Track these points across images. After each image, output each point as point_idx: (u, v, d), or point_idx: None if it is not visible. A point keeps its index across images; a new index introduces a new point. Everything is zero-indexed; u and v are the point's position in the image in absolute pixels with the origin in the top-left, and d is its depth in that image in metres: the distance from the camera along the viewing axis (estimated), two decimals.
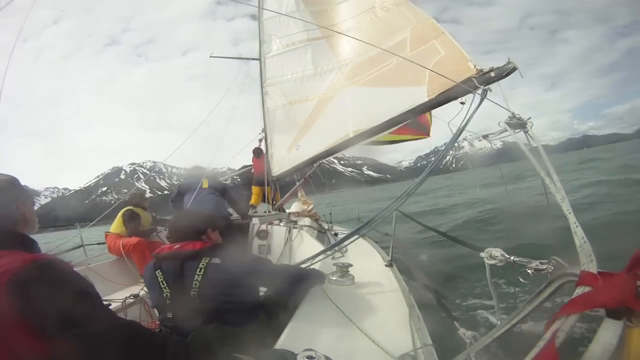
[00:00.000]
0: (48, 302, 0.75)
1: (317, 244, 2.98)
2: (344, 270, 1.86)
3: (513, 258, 1.09)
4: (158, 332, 1.42)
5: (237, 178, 6.65)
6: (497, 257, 1.13)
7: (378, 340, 1.20)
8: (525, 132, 1.62)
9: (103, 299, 1.04)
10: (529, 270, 0.95)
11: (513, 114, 1.67)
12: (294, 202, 5.56)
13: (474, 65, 2.53)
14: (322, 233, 4.17)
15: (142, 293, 2.50)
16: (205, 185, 3.56)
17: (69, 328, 0.76)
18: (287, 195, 5.26)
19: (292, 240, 3.32)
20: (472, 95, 2.15)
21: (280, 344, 1.19)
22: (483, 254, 1.21)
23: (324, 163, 4.87)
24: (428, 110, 2.90)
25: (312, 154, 4.06)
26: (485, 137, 1.83)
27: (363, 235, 3.65)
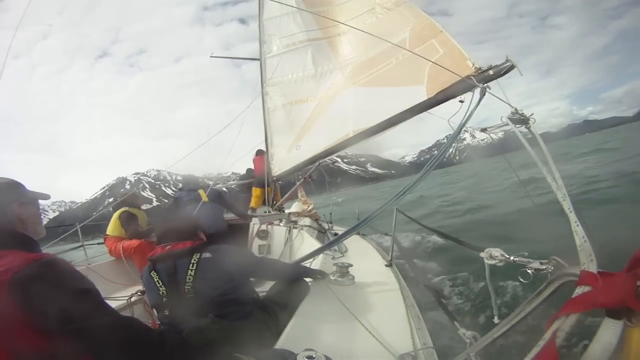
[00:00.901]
0: (50, 299, 0.77)
1: (317, 244, 2.98)
2: (344, 270, 1.86)
3: (513, 258, 1.09)
4: (156, 328, 1.43)
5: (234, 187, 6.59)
6: (496, 257, 1.13)
7: (380, 340, 1.19)
8: (528, 127, 1.62)
9: (105, 298, 1.05)
10: (529, 270, 0.94)
11: (516, 110, 1.67)
12: (294, 202, 5.55)
13: (473, 64, 2.54)
14: (322, 233, 4.17)
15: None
16: (205, 198, 3.55)
17: (70, 325, 0.77)
18: (287, 195, 5.25)
19: (292, 240, 3.32)
20: (471, 93, 2.16)
21: (280, 344, 1.19)
22: (483, 254, 1.20)
23: (328, 162, 4.87)
24: (427, 109, 2.90)
25: (312, 154, 4.06)
26: (484, 130, 1.83)
27: (363, 235, 3.66)
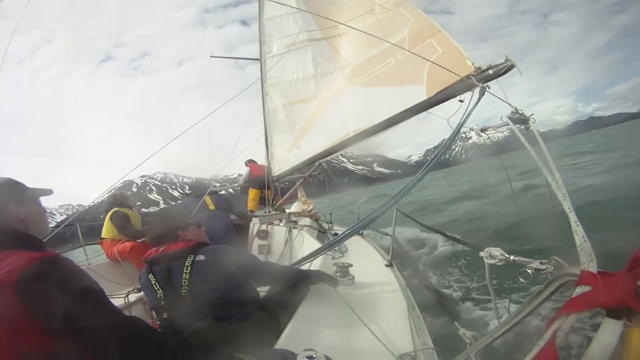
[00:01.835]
0: (57, 298, 0.77)
1: (317, 244, 2.98)
2: (344, 270, 1.86)
3: (513, 257, 1.09)
4: (159, 329, 1.43)
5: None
6: (496, 256, 1.13)
7: (381, 339, 1.19)
8: (527, 127, 1.62)
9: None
10: (529, 270, 0.94)
11: (515, 109, 1.67)
12: (294, 202, 5.55)
13: (472, 63, 2.54)
14: (322, 233, 4.17)
15: (142, 293, 2.50)
16: (212, 207, 3.54)
17: (76, 323, 0.78)
18: (286, 196, 5.25)
19: (292, 240, 3.32)
20: (470, 93, 2.16)
21: (280, 344, 1.19)
22: (483, 253, 1.20)
23: (334, 162, 4.87)
24: (427, 109, 2.90)
25: (312, 154, 4.06)
26: (484, 130, 1.83)
27: (363, 235, 3.66)
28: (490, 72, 2.35)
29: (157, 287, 1.41)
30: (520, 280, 0.94)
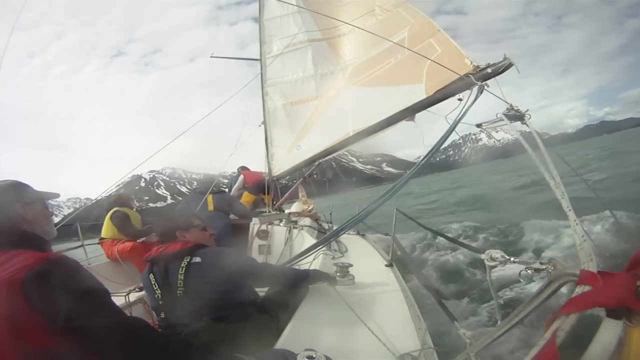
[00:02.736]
0: (62, 297, 0.78)
1: None
2: (344, 271, 1.86)
3: (513, 259, 1.09)
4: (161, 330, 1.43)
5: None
6: (497, 258, 1.13)
7: (381, 339, 1.19)
8: (523, 123, 1.63)
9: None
10: (529, 271, 0.94)
11: (511, 106, 1.68)
12: (294, 202, 5.56)
13: (471, 62, 2.55)
14: (322, 233, 4.17)
15: (142, 293, 2.50)
16: (211, 207, 3.54)
17: (80, 322, 0.79)
18: (286, 195, 5.25)
19: (292, 241, 3.32)
20: (469, 92, 2.17)
21: (280, 344, 1.19)
22: (483, 256, 1.20)
23: (344, 161, 4.85)
24: (427, 108, 2.90)
25: (312, 154, 4.06)
26: (479, 125, 1.83)
27: (363, 235, 3.66)
28: (489, 70, 2.36)
29: (156, 287, 1.41)
30: (521, 281, 0.94)
